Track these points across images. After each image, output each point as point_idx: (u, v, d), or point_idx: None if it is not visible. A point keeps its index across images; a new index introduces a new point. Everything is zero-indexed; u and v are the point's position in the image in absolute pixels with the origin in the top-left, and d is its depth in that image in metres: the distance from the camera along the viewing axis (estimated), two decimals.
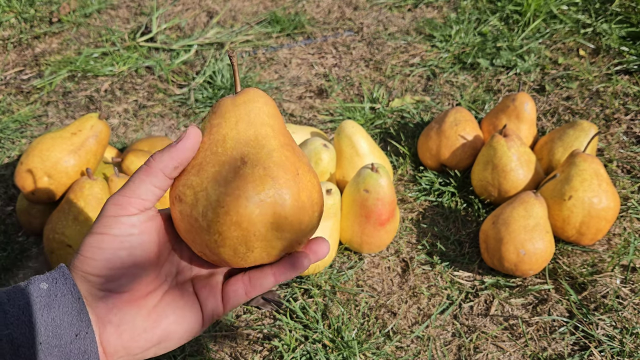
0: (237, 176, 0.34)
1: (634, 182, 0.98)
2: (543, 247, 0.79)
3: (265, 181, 0.34)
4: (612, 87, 1.19)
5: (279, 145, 0.35)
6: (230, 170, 0.34)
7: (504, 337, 0.78)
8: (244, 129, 0.35)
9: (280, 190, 0.34)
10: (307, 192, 0.35)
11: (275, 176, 0.34)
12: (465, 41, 1.36)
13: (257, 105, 0.36)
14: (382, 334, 0.79)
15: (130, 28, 1.49)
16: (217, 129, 0.36)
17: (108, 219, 0.33)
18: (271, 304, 0.83)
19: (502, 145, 0.89)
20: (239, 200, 0.33)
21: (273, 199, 0.34)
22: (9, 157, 1.12)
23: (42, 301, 0.32)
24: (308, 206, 0.35)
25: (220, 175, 0.34)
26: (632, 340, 0.76)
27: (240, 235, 0.34)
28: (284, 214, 0.34)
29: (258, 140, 0.35)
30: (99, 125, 0.87)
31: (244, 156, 0.34)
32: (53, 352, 0.31)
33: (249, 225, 0.33)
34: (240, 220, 0.33)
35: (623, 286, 0.83)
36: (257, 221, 0.34)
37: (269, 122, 0.36)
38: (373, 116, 1.17)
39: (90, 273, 0.33)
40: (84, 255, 0.33)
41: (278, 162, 0.35)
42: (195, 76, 1.31)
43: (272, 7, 1.57)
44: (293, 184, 0.34)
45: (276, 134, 0.36)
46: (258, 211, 0.33)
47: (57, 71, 1.33)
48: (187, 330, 0.37)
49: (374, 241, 0.85)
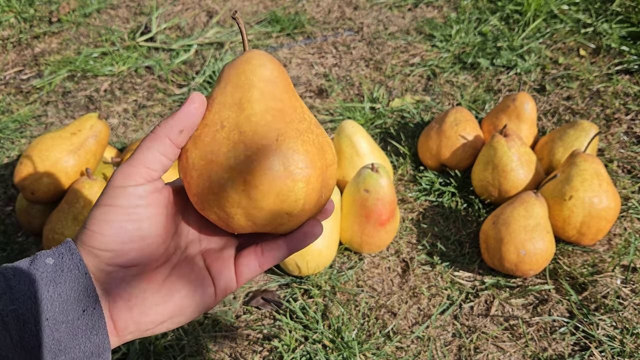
0: (213, 140, 0.33)
1: (634, 182, 0.98)
2: (543, 247, 0.79)
3: (237, 146, 0.33)
4: (612, 87, 1.19)
5: (262, 109, 0.33)
6: (208, 133, 0.34)
7: (504, 338, 0.78)
8: (231, 92, 0.34)
9: (251, 158, 0.32)
10: (286, 161, 0.33)
11: (248, 142, 0.33)
12: (465, 41, 1.36)
13: (249, 67, 0.34)
14: (382, 334, 0.79)
15: (129, 28, 1.49)
16: (211, 92, 0.35)
17: (114, 190, 0.32)
18: (271, 304, 0.83)
19: (502, 145, 0.89)
20: (210, 164, 0.33)
21: (243, 166, 0.32)
22: (9, 157, 1.12)
23: (48, 276, 0.31)
24: (285, 176, 0.33)
25: (199, 139, 0.34)
26: (633, 340, 0.76)
27: (214, 199, 0.33)
28: (254, 182, 0.32)
29: (241, 104, 0.34)
30: (98, 125, 0.87)
31: (223, 120, 0.33)
32: (60, 328, 0.31)
33: (219, 191, 0.33)
34: (211, 185, 0.33)
35: (623, 286, 0.82)
36: (227, 187, 0.33)
37: (259, 85, 0.34)
38: (373, 116, 1.17)
39: (97, 248, 0.32)
40: (90, 229, 0.32)
41: (255, 128, 0.33)
42: (195, 76, 1.31)
43: (272, 6, 1.56)
44: (267, 150, 0.32)
45: (264, 98, 0.34)
46: (227, 176, 0.33)
47: (57, 71, 1.33)
48: (199, 304, 0.36)
49: (374, 241, 0.85)
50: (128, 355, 0.76)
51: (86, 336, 0.31)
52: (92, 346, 0.32)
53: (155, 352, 0.77)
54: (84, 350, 0.31)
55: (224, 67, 0.36)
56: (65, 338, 0.31)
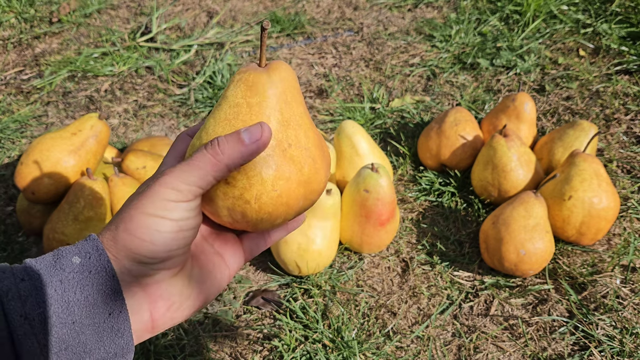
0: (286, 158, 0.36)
1: (634, 182, 0.98)
2: (543, 247, 0.79)
3: (305, 162, 0.37)
4: (612, 87, 1.19)
5: (310, 125, 0.37)
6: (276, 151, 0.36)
7: (504, 337, 0.78)
8: (286, 110, 0.36)
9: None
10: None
11: (313, 158, 0.37)
12: (465, 41, 1.36)
13: (292, 84, 0.36)
14: (382, 334, 0.79)
15: (130, 28, 1.49)
16: (258, 109, 0.35)
17: (168, 203, 0.33)
18: (271, 304, 0.83)
19: (502, 145, 0.89)
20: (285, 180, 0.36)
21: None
22: (9, 157, 1.12)
23: (75, 278, 0.31)
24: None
25: (267, 155, 0.36)
26: (632, 340, 0.76)
27: None
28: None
29: (298, 122, 0.36)
30: (98, 125, 0.87)
31: (289, 139, 0.36)
32: (86, 331, 0.31)
33: None
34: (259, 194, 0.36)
35: (623, 286, 0.83)
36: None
37: (301, 100, 0.37)
38: (373, 116, 1.17)
39: (143, 255, 0.33)
40: (138, 237, 0.32)
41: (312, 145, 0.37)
42: (195, 76, 1.31)
43: (272, 7, 1.56)
44: (311, 161, 0.37)
45: (303, 113, 0.37)
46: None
47: (57, 71, 1.33)
48: (218, 289, 0.38)
49: (374, 241, 0.85)
50: None
51: (111, 338, 0.32)
52: (116, 348, 0.32)
53: (155, 351, 0.77)
54: (108, 351, 0.32)
55: (263, 81, 0.36)
56: (91, 340, 0.31)
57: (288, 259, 0.81)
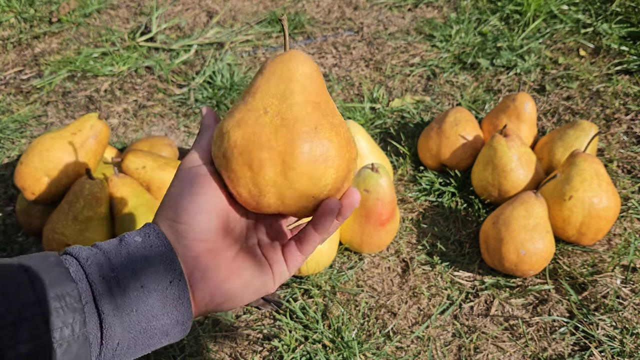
0: (256, 123, 0.36)
1: (634, 182, 0.98)
2: (543, 247, 0.79)
3: (279, 130, 0.36)
4: (612, 87, 1.19)
5: (303, 101, 0.37)
6: (251, 117, 0.37)
7: (504, 338, 0.78)
8: (275, 84, 0.37)
9: (292, 142, 0.36)
10: (322, 148, 0.36)
11: (290, 127, 0.36)
12: (465, 41, 1.36)
13: (293, 64, 0.38)
14: (382, 334, 0.79)
15: (130, 28, 1.49)
16: (252, 82, 0.38)
17: (197, 177, 0.37)
18: (271, 304, 0.83)
19: (502, 145, 0.89)
20: (251, 144, 0.36)
21: (283, 148, 0.36)
22: (9, 157, 1.12)
23: (139, 251, 0.35)
24: (320, 161, 0.36)
25: (242, 121, 0.37)
26: (633, 340, 0.76)
27: (251, 177, 0.37)
28: (292, 164, 0.36)
29: (284, 94, 0.37)
30: (98, 125, 0.87)
31: (267, 107, 0.37)
32: (152, 295, 0.34)
33: (258, 169, 0.36)
34: (251, 163, 0.36)
35: (623, 286, 0.83)
36: (266, 165, 0.36)
37: (300, 80, 0.38)
38: (373, 116, 1.17)
39: (191, 238, 0.36)
40: (183, 222, 0.36)
41: (297, 116, 0.36)
42: (195, 76, 1.31)
43: (272, 7, 1.56)
44: (307, 137, 0.36)
45: (305, 91, 0.37)
46: (267, 156, 0.36)
47: (57, 71, 1.33)
48: (260, 286, 0.40)
49: (374, 241, 0.85)
50: None
51: (173, 305, 0.35)
52: (178, 314, 0.35)
53: (155, 351, 0.77)
54: (171, 317, 0.35)
55: (268, 61, 0.39)
56: (157, 305, 0.35)
57: None
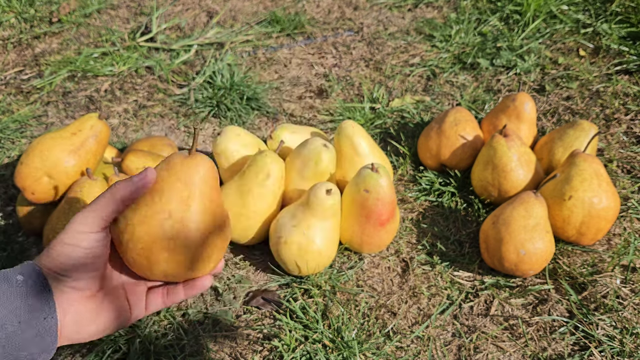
0: (159, 225, 0.45)
1: (634, 182, 0.98)
2: (543, 247, 0.79)
3: (179, 236, 0.46)
4: (612, 87, 1.19)
5: (201, 210, 0.47)
6: (156, 218, 0.45)
7: (504, 337, 0.78)
8: (179, 190, 0.46)
9: (187, 249, 0.46)
10: (214, 256, 0.49)
11: (187, 236, 0.46)
12: (465, 41, 1.36)
13: (196, 171, 0.46)
14: (382, 334, 0.79)
15: (130, 28, 1.49)
16: (159, 178, 0.46)
17: (80, 235, 0.43)
18: (271, 304, 0.83)
19: (502, 145, 0.89)
20: (153, 244, 0.46)
21: (179, 252, 0.46)
22: (9, 157, 1.12)
23: (20, 290, 0.41)
24: (207, 262, 0.49)
25: (147, 218, 0.45)
26: (632, 340, 0.76)
27: (147, 265, 0.47)
28: (185, 263, 0.47)
29: (187, 202, 0.46)
30: (98, 125, 0.87)
31: (171, 211, 0.45)
32: (27, 329, 0.41)
33: (155, 263, 0.46)
34: (149, 256, 0.46)
35: (623, 286, 0.83)
36: (161, 262, 0.46)
37: (200, 187, 0.46)
38: (373, 116, 1.17)
39: (62, 274, 0.44)
40: (56, 260, 0.43)
41: (196, 226, 0.46)
42: (195, 76, 1.31)
43: (272, 7, 1.57)
44: (199, 248, 0.47)
45: (204, 198, 0.47)
46: (165, 256, 0.46)
47: (57, 71, 1.33)
48: (118, 325, 0.48)
49: (374, 241, 0.85)
50: (128, 355, 0.76)
51: (43, 336, 0.42)
52: (45, 345, 0.42)
53: (155, 351, 0.77)
54: (40, 347, 0.42)
55: (176, 161, 0.47)
56: (29, 337, 0.41)
57: (288, 259, 0.81)
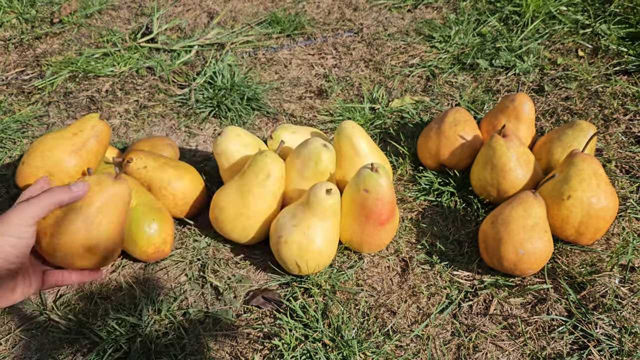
0: (78, 229, 0.68)
1: (632, 182, 0.99)
2: (542, 247, 0.80)
3: (91, 238, 0.70)
4: (610, 87, 1.19)
5: (107, 223, 0.70)
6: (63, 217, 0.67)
7: (503, 337, 0.79)
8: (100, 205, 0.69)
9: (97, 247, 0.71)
10: (109, 254, 0.74)
11: (98, 244, 0.71)
12: (464, 42, 1.36)
13: (115, 192, 0.71)
14: (381, 333, 0.79)
15: (131, 29, 1.50)
16: (89, 196, 0.68)
17: (14, 227, 0.60)
18: (271, 304, 0.83)
19: (501, 145, 0.89)
20: (73, 246, 0.69)
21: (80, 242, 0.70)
22: (11, 157, 1.13)
23: None
24: (110, 259, 0.74)
25: (58, 218, 0.67)
26: (631, 339, 0.76)
27: (61, 257, 0.69)
28: (93, 261, 0.72)
29: (102, 222, 0.69)
30: (99, 126, 0.87)
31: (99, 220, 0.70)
32: None
33: (70, 262, 0.70)
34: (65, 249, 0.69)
35: (622, 286, 0.83)
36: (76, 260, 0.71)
37: (119, 207, 0.71)
38: (373, 116, 1.18)
39: None
40: None
41: (105, 235, 0.71)
42: (195, 77, 1.31)
43: (272, 7, 1.57)
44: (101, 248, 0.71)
45: (117, 217, 0.71)
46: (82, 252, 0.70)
47: (58, 71, 1.33)
48: (18, 298, 0.63)
49: (373, 241, 0.85)
50: (129, 354, 0.76)
51: None
52: None
53: (156, 350, 0.77)
54: None
55: (106, 183, 0.70)
56: None
57: (288, 259, 0.82)
